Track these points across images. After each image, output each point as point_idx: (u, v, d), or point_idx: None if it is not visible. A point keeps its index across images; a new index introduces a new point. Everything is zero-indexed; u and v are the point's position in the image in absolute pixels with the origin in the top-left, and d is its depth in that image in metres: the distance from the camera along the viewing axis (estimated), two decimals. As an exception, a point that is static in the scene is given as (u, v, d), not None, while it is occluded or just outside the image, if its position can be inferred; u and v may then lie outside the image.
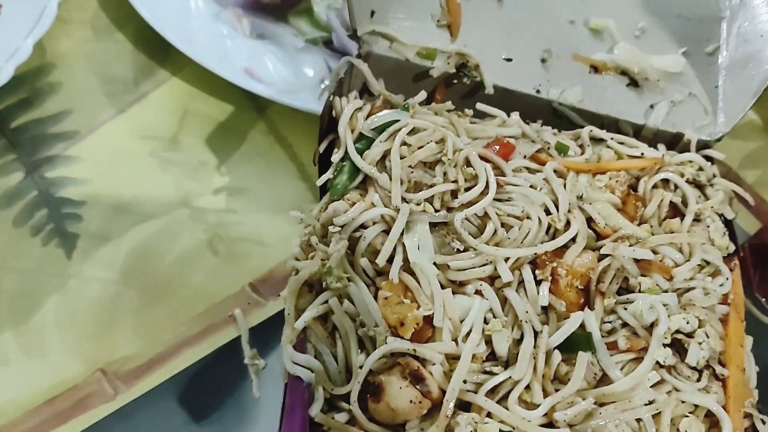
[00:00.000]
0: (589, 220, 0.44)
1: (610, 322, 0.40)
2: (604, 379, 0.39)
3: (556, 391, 0.38)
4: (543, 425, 0.37)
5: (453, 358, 0.38)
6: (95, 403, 0.46)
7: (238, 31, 0.58)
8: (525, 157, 0.46)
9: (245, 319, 0.49)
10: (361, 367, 0.38)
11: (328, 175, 0.44)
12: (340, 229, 0.41)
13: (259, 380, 0.47)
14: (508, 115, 0.48)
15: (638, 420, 0.38)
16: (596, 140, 0.48)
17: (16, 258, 0.50)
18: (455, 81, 0.49)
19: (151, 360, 0.48)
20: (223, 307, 0.50)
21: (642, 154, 0.47)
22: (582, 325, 0.39)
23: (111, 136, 0.56)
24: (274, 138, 0.58)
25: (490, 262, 0.40)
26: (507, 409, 0.37)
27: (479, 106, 0.48)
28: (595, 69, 0.51)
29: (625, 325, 0.40)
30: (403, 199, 0.42)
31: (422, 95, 0.47)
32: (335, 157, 0.44)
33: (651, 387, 0.39)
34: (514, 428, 0.36)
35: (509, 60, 0.50)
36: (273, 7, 0.60)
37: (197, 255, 0.52)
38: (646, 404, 0.38)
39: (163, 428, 0.46)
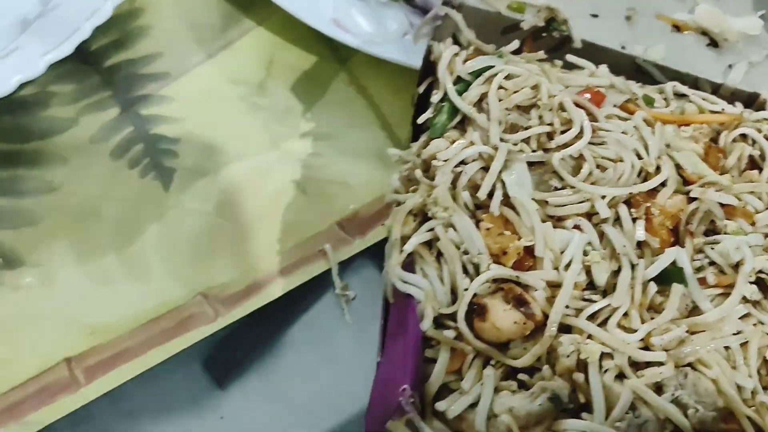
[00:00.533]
0: (677, 167, 0.46)
1: (698, 260, 0.43)
2: (694, 311, 0.41)
3: (651, 319, 0.40)
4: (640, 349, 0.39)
5: (553, 286, 0.40)
6: (197, 323, 0.48)
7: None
8: (615, 106, 0.48)
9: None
10: (466, 290, 0.40)
11: (428, 114, 0.46)
12: (444, 163, 0.43)
13: (349, 309, 0.50)
14: (596, 67, 0.50)
15: (726, 348, 0.40)
16: (679, 96, 0.50)
17: (115, 188, 0.53)
18: (544, 34, 0.51)
19: (248, 287, 0.50)
20: (313, 242, 0.53)
21: (722, 110, 0.50)
22: (674, 262, 0.42)
23: (201, 79, 0.58)
24: (356, 88, 0.60)
25: (588, 199, 0.42)
26: (607, 332, 0.39)
27: (569, 57, 0.50)
28: (677, 28, 0.53)
29: (712, 263, 0.42)
30: (501, 139, 0.44)
31: (515, 44, 0.49)
32: (434, 98, 0.46)
33: (738, 319, 0.41)
34: (613, 349, 0.39)
35: (595, 16, 0.53)
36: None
37: (287, 194, 0.54)
38: (734, 334, 0.40)
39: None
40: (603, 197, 0.43)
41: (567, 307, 0.40)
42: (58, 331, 0.48)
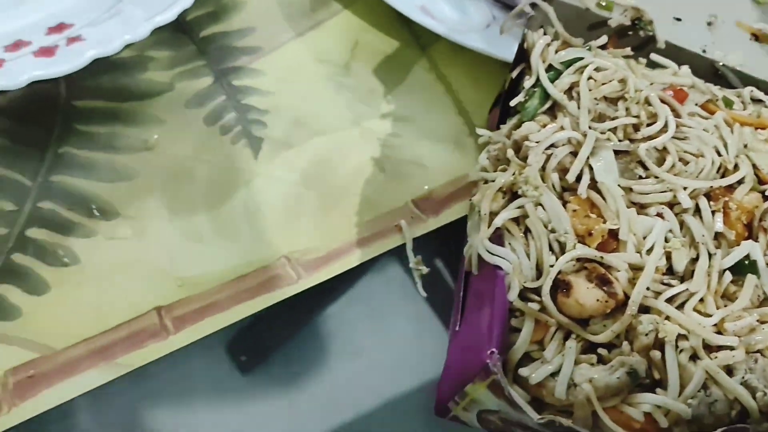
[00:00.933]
0: (753, 167, 0.48)
1: (770, 257, 0.45)
2: (765, 302, 0.43)
3: (725, 306, 0.42)
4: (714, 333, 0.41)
5: (635, 269, 0.42)
6: (281, 284, 0.51)
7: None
8: (696, 104, 0.50)
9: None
10: (552, 266, 0.42)
11: (520, 98, 0.49)
12: (536, 144, 0.45)
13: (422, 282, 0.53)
14: (679, 68, 0.52)
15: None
16: (755, 101, 0.52)
17: (208, 152, 0.55)
18: (629, 33, 0.54)
19: (328, 253, 0.52)
20: (389, 218, 0.55)
21: (797, 117, 0.52)
22: (747, 255, 0.44)
23: (290, 55, 0.61)
24: (435, 75, 0.62)
25: (670, 190, 0.45)
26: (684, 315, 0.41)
27: (653, 56, 0.52)
28: (756, 37, 0.55)
29: (784, 260, 0.45)
30: (590, 127, 0.46)
31: (603, 39, 0.52)
32: (527, 83, 0.49)
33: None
34: (689, 331, 0.41)
35: (678, 20, 0.55)
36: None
37: (366, 170, 0.56)
38: (805, 326, 0.42)
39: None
40: (685, 189, 0.45)
41: (647, 289, 0.42)
42: (149, 281, 0.50)
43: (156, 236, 0.52)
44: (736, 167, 0.47)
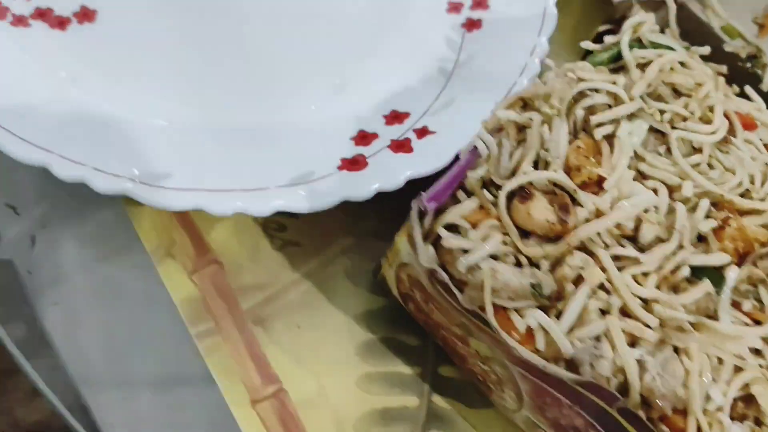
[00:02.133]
0: (782, 214, 0.45)
1: (746, 288, 0.42)
2: (706, 315, 0.40)
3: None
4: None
5: (599, 216, 0.41)
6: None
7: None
8: (760, 139, 0.48)
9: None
10: (526, 174, 0.42)
11: (596, 48, 0.49)
12: (576, 78, 0.45)
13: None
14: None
15: (720, 361, 0.39)
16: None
17: None
18: (738, 63, 0.52)
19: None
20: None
21: None
22: (721, 268, 0.41)
23: None
24: None
25: (680, 177, 0.43)
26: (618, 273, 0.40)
27: (747, 88, 0.51)
28: None
29: (759, 301, 0.42)
30: (641, 97, 0.46)
31: (706, 49, 0.51)
32: (609, 38, 0.49)
33: (748, 348, 0.40)
34: (615, 288, 0.39)
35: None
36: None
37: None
38: (735, 355, 0.39)
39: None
40: (694, 185, 0.43)
41: (598, 235, 0.41)
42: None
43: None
44: (763, 200, 0.44)
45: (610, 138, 0.44)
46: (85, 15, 0.54)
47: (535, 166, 0.43)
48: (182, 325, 0.46)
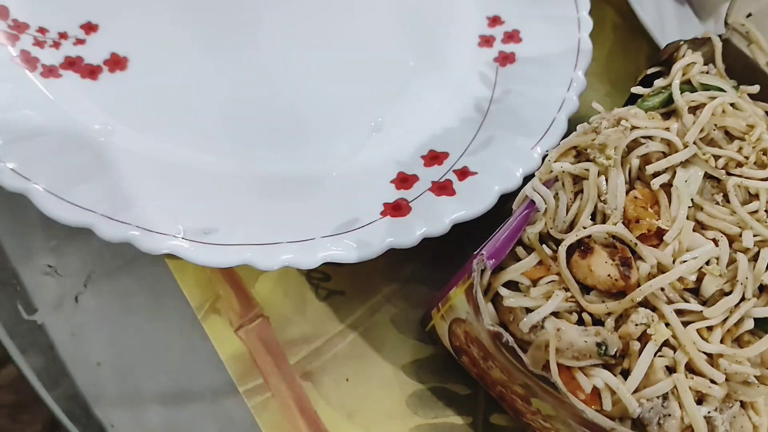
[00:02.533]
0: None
1: (810, 339, 0.41)
2: (772, 372, 0.40)
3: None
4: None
5: (662, 270, 0.41)
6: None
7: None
8: (814, 187, 0.47)
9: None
10: (585, 228, 0.41)
11: (646, 91, 0.48)
12: (629, 126, 0.45)
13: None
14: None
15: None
16: None
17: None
18: (785, 102, 0.52)
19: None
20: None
21: None
22: (783, 321, 0.41)
23: None
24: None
25: (739, 225, 0.42)
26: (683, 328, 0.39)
27: (797, 130, 0.50)
28: None
29: (823, 351, 0.41)
30: (695, 143, 0.45)
31: (755, 88, 0.50)
32: (659, 81, 0.48)
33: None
34: (680, 344, 0.38)
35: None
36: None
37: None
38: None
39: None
40: (755, 235, 0.42)
41: (662, 290, 0.40)
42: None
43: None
44: (822, 251, 0.44)
45: (666, 187, 0.43)
46: (117, 63, 0.53)
47: (593, 218, 0.42)
48: (231, 382, 0.45)
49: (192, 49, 0.55)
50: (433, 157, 0.53)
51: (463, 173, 0.51)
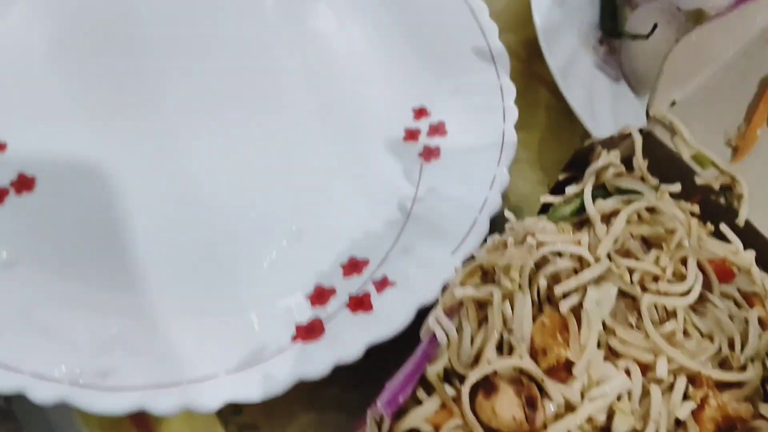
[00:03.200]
0: (765, 380, 0.42)
1: (731, 474, 0.39)
2: None
3: (645, 495, 0.37)
4: None
5: (569, 409, 0.39)
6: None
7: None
8: (738, 290, 0.45)
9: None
10: (489, 363, 0.39)
11: (556, 200, 0.46)
12: (535, 243, 0.43)
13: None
14: (744, 250, 0.47)
15: None
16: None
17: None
18: (713, 197, 0.50)
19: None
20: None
21: None
22: (703, 458, 0.38)
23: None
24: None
25: (654, 352, 0.40)
26: (593, 478, 0.37)
27: (723, 227, 0.48)
28: None
29: (744, 485, 0.39)
30: (608, 257, 0.43)
31: (677, 187, 0.48)
32: (570, 189, 0.46)
33: None
34: (589, 498, 0.36)
35: (770, 206, 0.50)
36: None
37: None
38: None
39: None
40: (670, 361, 0.40)
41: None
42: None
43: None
44: (743, 369, 0.41)
45: (578, 308, 0.41)
46: (24, 183, 0.51)
47: (500, 349, 0.40)
48: None
49: (99, 166, 0.53)
50: (353, 265, 0.51)
51: (382, 284, 0.50)
